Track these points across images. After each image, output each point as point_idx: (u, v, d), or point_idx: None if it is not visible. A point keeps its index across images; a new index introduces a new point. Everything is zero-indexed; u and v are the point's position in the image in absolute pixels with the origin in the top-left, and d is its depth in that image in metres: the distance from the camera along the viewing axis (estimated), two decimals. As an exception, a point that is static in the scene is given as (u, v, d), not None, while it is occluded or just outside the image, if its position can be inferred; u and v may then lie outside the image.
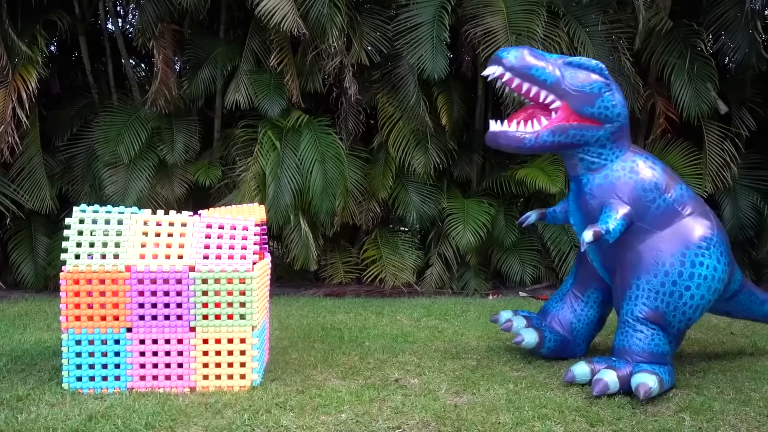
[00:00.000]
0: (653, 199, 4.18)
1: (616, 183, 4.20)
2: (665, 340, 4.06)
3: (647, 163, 4.29)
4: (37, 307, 7.12)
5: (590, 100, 4.13)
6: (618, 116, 4.22)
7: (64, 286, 3.94)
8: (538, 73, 4.07)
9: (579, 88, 4.12)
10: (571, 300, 4.84)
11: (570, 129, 4.15)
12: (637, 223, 4.15)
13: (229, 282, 4.02)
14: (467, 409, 3.66)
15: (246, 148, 8.24)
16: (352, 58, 7.87)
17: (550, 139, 4.15)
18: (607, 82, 4.20)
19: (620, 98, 4.26)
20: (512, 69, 4.06)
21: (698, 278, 4.06)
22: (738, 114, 8.57)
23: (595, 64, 4.23)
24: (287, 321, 6.34)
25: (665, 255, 4.08)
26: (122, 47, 8.74)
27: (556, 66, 4.13)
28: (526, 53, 4.10)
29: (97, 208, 4.17)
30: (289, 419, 3.48)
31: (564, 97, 4.11)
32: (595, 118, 4.16)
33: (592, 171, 4.28)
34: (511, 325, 4.80)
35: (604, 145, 4.24)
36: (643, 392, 3.72)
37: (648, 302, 4.05)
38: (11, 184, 8.11)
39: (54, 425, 3.32)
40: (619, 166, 4.24)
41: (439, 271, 8.48)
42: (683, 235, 4.14)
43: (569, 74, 4.13)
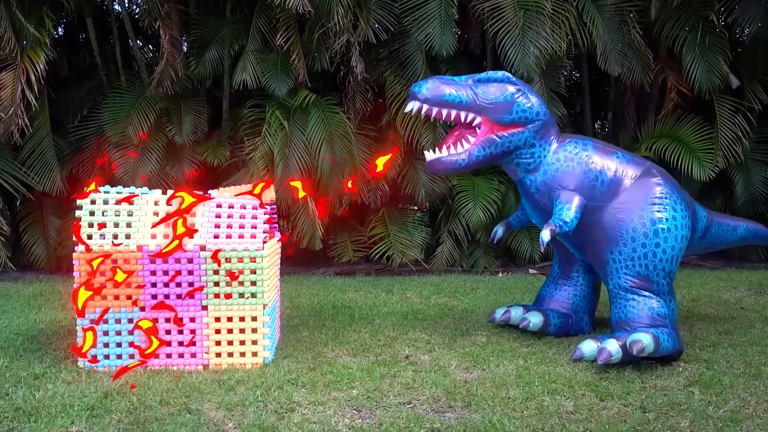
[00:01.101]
0: (595, 177, 4.36)
1: (555, 175, 4.40)
2: (660, 303, 4.15)
3: (578, 146, 4.47)
4: (51, 287, 7.20)
5: (506, 108, 4.34)
6: (537, 115, 4.41)
7: (77, 266, 3.98)
8: (452, 98, 4.28)
9: (493, 101, 4.34)
10: (561, 281, 4.98)
11: (497, 139, 4.36)
12: (589, 203, 4.31)
13: (239, 261, 4.05)
14: (477, 385, 3.69)
15: (254, 128, 8.23)
16: (358, 36, 7.81)
17: (482, 153, 4.37)
18: (517, 87, 4.40)
19: (535, 98, 4.45)
20: (427, 101, 4.28)
21: (663, 232, 4.20)
22: (750, 88, 8.46)
23: (501, 75, 4.44)
24: (298, 299, 6.39)
25: (626, 223, 4.23)
26: (129, 28, 8.72)
27: (467, 87, 4.35)
28: (437, 83, 4.31)
29: (108, 189, 4.20)
30: (301, 395, 3.52)
31: (482, 112, 4.33)
32: (516, 123, 4.36)
33: (531, 171, 4.49)
34: (510, 315, 4.92)
35: (533, 144, 4.43)
36: (636, 349, 3.81)
37: (628, 271, 4.20)
38: (21, 167, 8.15)
39: (71, 402, 3.38)
40: (553, 159, 4.44)
41: (449, 248, 8.50)
42: (635, 198, 4.30)
43: (481, 91, 4.35)
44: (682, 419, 3.21)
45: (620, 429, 3.08)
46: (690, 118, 8.41)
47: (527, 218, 5.01)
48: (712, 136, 8.34)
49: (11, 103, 7.45)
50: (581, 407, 3.36)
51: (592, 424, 3.15)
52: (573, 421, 3.19)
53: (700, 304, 6.02)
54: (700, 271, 8.18)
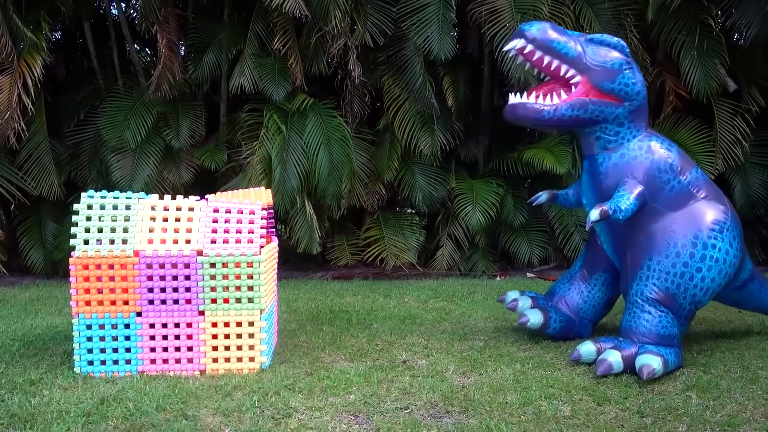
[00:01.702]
0: (668, 180, 4.16)
1: (631, 163, 4.18)
2: (673, 323, 4.05)
3: (663, 145, 4.28)
4: (48, 292, 7.19)
5: (611, 75, 4.12)
6: (637, 95, 4.20)
7: (74, 271, 3.97)
8: (560, 47, 4.07)
9: (600, 64, 4.11)
10: (579, 282, 4.83)
11: (589, 104, 4.14)
12: (650, 203, 4.13)
13: (237, 266, 4.05)
14: (475, 390, 3.69)
15: (251, 132, 8.24)
16: (356, 40, 7.82)
17: (569, 113, 4.14)
18: (627, 59, 4.20)
19: (640, 77, 4.25)
20: (534, 41, 4.06)
21: (710, 260, 4.04)
22: (748, 91, 8.48)
23: (616, 41, 4.23)
24: (295, 304, 6.38)
25: (677, 236, 4.06)
26: (127, 32, 8.72)
27: (577, 41, 4.14)
28: (548, 27, 4.11)
29: (105, 194, 4.19)
30: (298, 401, 3.51)
31: (585, 71, 4.11)
32: (614, 94, 4.15)
33: (608, 150, 4.26)
34: (516, 304, 4.83)
35: (622, 123, 4.22)
36: (646, 373, 3.73)
37: (658, 283, 4.04)
38: (18, 171, 8.13)
39: (67, 408, 3.37)
40: (635, 146, 4.22)
41: (450, 251, 8.50)
42: (696, 217, 4.12)
43: (590, 50, 4.13)
44: (679, 424, 3.20)
45: (618, 434, 3.08)
46: (689, 121, 8.43)
47: (576, 200, 4.77)
48: (710, 138, 8.35)
49: (8, 108, 7.45)
50: (579, 412, 3.35)
51: (589, 428, 3.14)
52: (570, 425, 3.18)
53: (697, 308, 6.01)
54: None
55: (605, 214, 3.91)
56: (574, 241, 8.37)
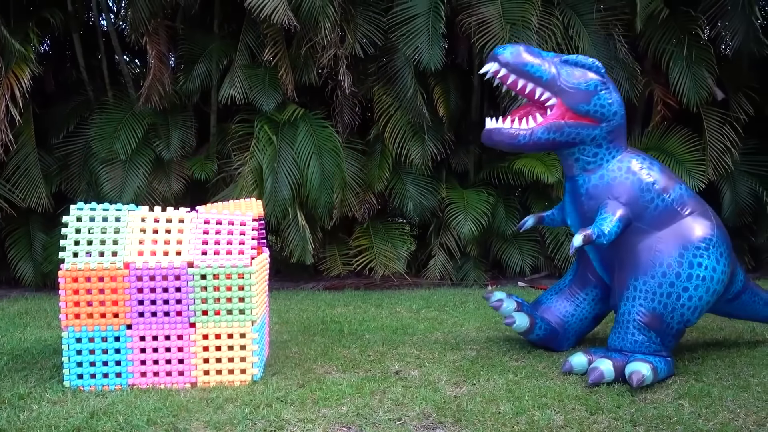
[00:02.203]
0: (651, 199, 4.13)
1: (612, 183, 4.15)
2: (658, 342, 4.04)
3: (645, 163, 4.23)
4: (37, 305, 7.12)
5: (586, 97, 4.08)
6: (614, 115, 4.16)
7: (63, 284, 3.93)
8: (534, 70, 4.02)
9: (575, 86, 4.08)
10: (567, 295, 4.79)
11: (565, 127, 4.10)
12: (634, 223, 4.10)
13: (227, 277, 4.03)
14: (467, 400, 3.67)
15: (242, 143, 8.23)
16: (346, 51, 7.85)
17: (545, 136, 4.10)
18: (603, 80, 4.16)
19: (617, 97, 4.22)
20: (508, 65, 4.02)
21: (696, 279, 3.99)
22: (735, 100, 8.57)
23: (591, 62, 4.19)
24: (287, 315, 6.35)
25: (663, 255, 4.01)
26: (116, 44, 8.71)
27: (552, 63, 4.09)
28: (522, 50, 4.05)
29: (95, 206, 4.16)
30: (291, 413, 3.49)
31: (559, 94, 4.07)
32: (590, 116, 4.11)
33: (588, 171, 4.23)
34: (501, 304, 4.71)
35: (600, 144, 4.19)
36: (636, 380, 3.73)
37: (645, 303, 4.01)
38: (6, 184, 8.07)
39: (56, 423, 3.33)
40: (615, 166, 4.18)
41: (442, 261, 8.51)
42: (682, 235, 4.07)
43: (565, 72, 4.09)
44: (672, 432, 3.21)
45: (611, 443, 3.07)
46: (677, 130, 8.49)
47: (561, 219, 4.72)
48: (700, 147, 8.42)
49: (-5, 119, 7.40)
50: (572, 421, 3.35)
51: (582, 438, 3.14)
52: (564, 435, 3.18)
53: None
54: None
55: (588, 240, 3.88)
56: (564, 250, 8.39)
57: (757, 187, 8.81)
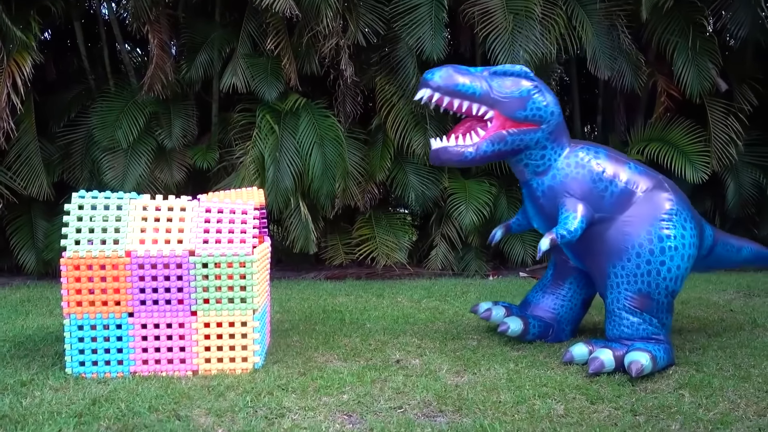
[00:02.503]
0: (605, 187, 4.21)
1: (564, 181, 4.24)
2: (654, 322, 4.09)
3: (590, 154, 4.31)
4: (39, 293, 7.14)
5: (521, 104, 4.17)
6: (552, 115, 4.24)
7: (65, 272, 3.94)
8: (465, 88, 4.11)
9: (508, 95, 4.16)
10: (552, 289, 4.86)
11: (507, 136, 4.19)
12: (596, 214, 4.19)
13: (229, 266, 4.03)
14: (468, 389, 3.68)
15: (244, 132, 8.22)
16: (348, 40, 7.81)
17: (491, 148, 4.19)
18: (534, 84, 4.24)
19: (551, 97, 4.29)
20: (439, 89, 4.11)
21: (670, 251, 4.08)
22: (740, 91, 8.53)
23: (519, 69, 4.28)
24: (288, 304, 6.36)
25: (632, 237, 4.10)
26: (117, 32, 8.68)
27: (482, 78, 4.18)
28: (451, 71, 4.14)
29: (96, 194, 4.16)
30: (291, 401, 3.50)
31: (495, 105, 4.15)
32: (529, 120, 4.19)
33: (540, 174, 4.32)
34: (490, 314, 4.82)
35: (544, 146, 4.27)
36: (635, 370, 3.76)
37: (630, 287, 4.09)
38: (7, 171, 8.07)
39: (58, 409, 3.34)
40: (564, 164, 4.27)
41: (444, 251, 8.51)
42: (644, 213, 4.16)
43: (496, 83, 4.17)
44: (672, 422, 3.21)
45: (611, 432, 3.08)
46: (681, 121, 8.46)
47: (528, 222, 4.83)
48: (703, 138, 8.38)
49: (-3, 107, 7.39)
50: (572, 411, 3.36)
51: (583, 427, 3.15)
52: (564, 424, 3.18)
53: (689, 307, 6.04)
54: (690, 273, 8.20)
55: (554, 242, 4.01)
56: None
57: (760, 178, 8.79)
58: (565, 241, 4.03)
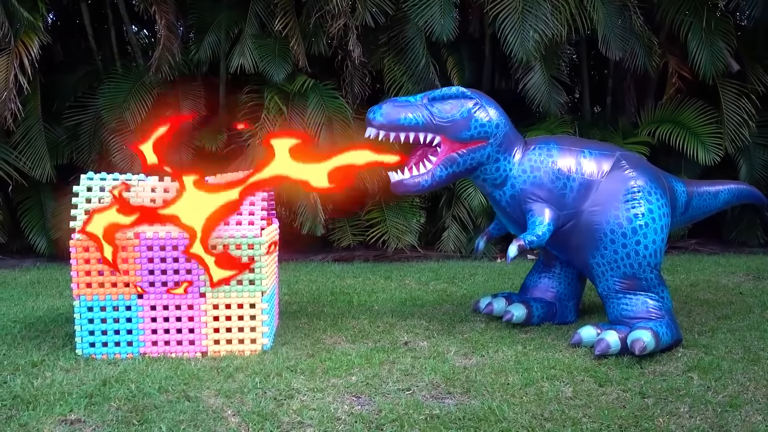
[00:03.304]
0: (563, 184, 4.26)
1: (524, 188, 4.28)
2: (653, 295, 4.13)
3: (542, 154, 4.34)
4: (49, 274, 7.19)
5: (465, 124, 4.19)
6: (497, 128, 4.26)
7: (75, 253, 3.96)
8: (407, 121, 4.14)
9: (450, 119, 4.19)
10: (546, 270, 4.90)
11: (458, 158, 4.23)
12: (562, 212, 4.22)
13: (237, 248, 4.03)
14: (476, 371, 3.69)
15: (252, 114, 8.18)
16: (356, 20, 7.74)
17: (445, 172, 4.25)
18: (474, 101, 4.25)
19: (494, 110, 4.30)
20: (383, 126, 4.16)
21: (642, 228, 4.10)
22: (752, 71, 8.41)
23: (455, 90, 4.30)
24: (296, 286, 6.38)
25: (602, 225, 4.14)
26: (124, 13, 8.63)
27: (421, 107, 4.20)
28: (391, 107, 4.18)
29: (105, 176, 4.17)
30: (300, 382, 3.52)
31: (440, 131, 4.19)
32: (476, 138, 4.22)
33: (499, 186, 4.37)
34: (492, 307, 4.84)
35: (497, 159, 4.30)
36: (638, 348, 3.77)
37: (614, 273, 4.14)
38: (13, 151, 8.07)
39: (69, 390, 3.37)
40: (519, 171, 4.31)
41: (455, 232, 8.49)
42: (607, 198, 4.19)
43: (436, 109, 4.20)
44: (681, 404, 3.21)
45: (619, 414, 3.08)
46: (693, 102, 8.36)
47: (504, 227, 4.89)
48: (716, 119, 8.28)
49: (4, 88, 7.38)
50: (580, 393, 3.36)
51: (591, 409, 3.15)
52: (572, 406, 3.18)
53: (698, 290, 6.01)
54: (699, 256, 8.18)
55: (522, 248, 4.07)
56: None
57: (772, 160, 8.69)
58: (534, 245, 4.12)
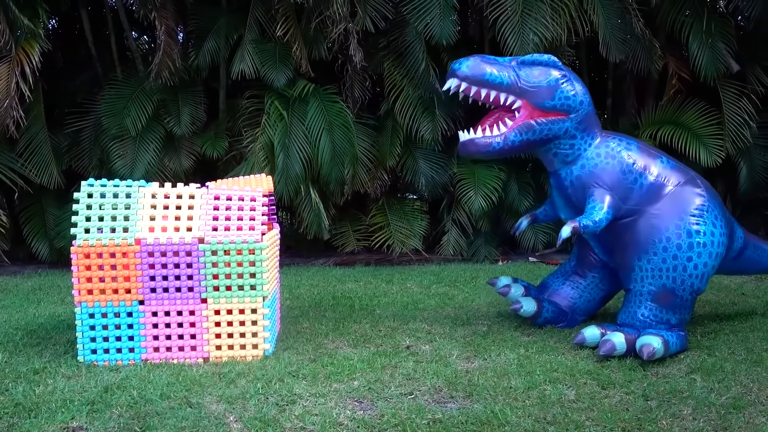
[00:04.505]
0: (635, 179, 4.18)
1: (594, 171, 4.20)
2: (673, 319, 4.06)
3: (622, 144, 4.28)
4: (51, 281, 7.19)
5: (549, 93, 4.15)
6: (581, 104, 4.21)
7: (76, 260, 3.95)
8: (493, 78, 4.11)
9: (536, 84, 4.15)
10: (573, 278, 4.82)
11: (536, 125, 4.17)
12: (624, 206, 4.15)
13: (238, 253, 4.03)
14: (479, 375, 3.68)
15: (252, 119, 8.20)
16: (356, 25, 7.75)
17: (519, 138, 4.18)
18: (563, 73, 4.21)
19: (580, 87, 4.25)
20: (467, 78, 4.12)
21: (698, 247, 4.02)
22: (752, 72, 8.40)
23: (547, 58, 4.25)
24: (298, 291, 6.37)
25: (661, 231, 4.06)
26: (124, 19, 8.66)
27: (509, 68, 4.17)
28: (479, 61, 4.14)
29: (105, 182, 4.17)
30: (302, 387, 3.51)
31: (523, 95, 4.15)
32: (557, 110, 4.17)
33: (568, 163, 4.29)
34: (508, 290, 4.78)
35: (574, 135, 4.23)
36: (646, 353, 3.75)
37: (654, 281, 4.05)
38: (18, 159, 8.10)
39: (71, 397, 3.37)
40: (593, 153, 4.23)
41: (455, 236, 8.49)
42: (674, 207, 4.11)
43: (524, 73, 4.17)
44: (684, 407, 3.19)
45: (622, 417, 3.06)
46: (693, 104, 8.36)
47: (555, 213, 4.76)
48: (717, 121, 8.27)
49: (6, 96, 7.41)
50: (583, 396, 3.35)
51: (594, 412, 3.14)
52: (575, 409, 3.17)
53: (701, 291, 5.99)
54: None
55: (576, 231, 3.97)
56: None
57: (773, 160, 8.68)
58: (589, 231, 4.01)
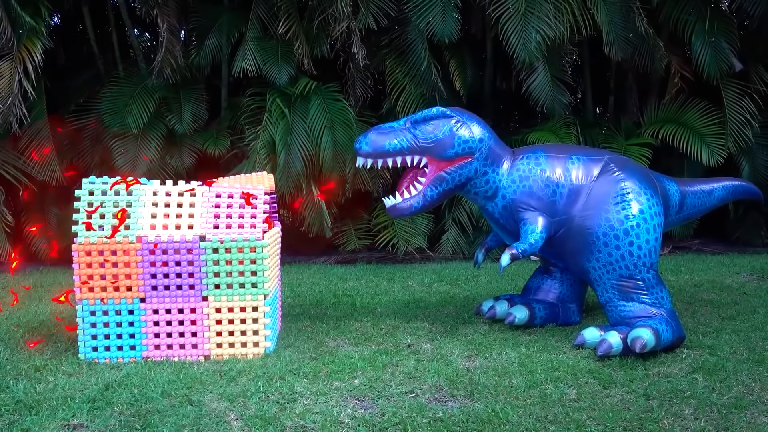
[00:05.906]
0: (553, 191, 4.29)
1: (515, 198, 4.33)
2: (651, 295, 4.11)
3: (531, 161, 4.39)
4: (52, 278, 7.19)
5: (448, 143, 4.26)
6: (481, 141, 4.32)
7: (77, 258, 3.96)
8: (393, 146, 4.26)
9: (433, 139, 4.26)
10: (547, 272, 4.92)
11: (447, 175, 4.31)
12: (554, 219, 4.25)
13: (239, 251, 4.03)
14: (480, 373, 3.68)
15: (254, 117, 8.18)
16: (359, 23, 7.74)
17: (435, 191, 4.33)
18: (455, 119, 4.31)
19: (476, 125, 4.36)
20: (370, 155, 4.29)
21: (634, 229, 4.10)
22: (755, 71, 8.37)
23: (435, 111, 4.35)
24: (299, 289, 6.37)
25: (594, 229, 4.15)
26: (126, 16, 8.65)
27: (405, 131, 4.30)
28: (375, 135, 4.30)
29: (107, 180, 4.17)
30: (303, 385, 3.51)
31: (425, 152, 4.28)
32: (461, 155, 4.29)
33: (490, 198, 4.43)
34: (495, 311, 4.83)
35: (485, 172, 4.36)
36: (638, 346, 3.77)
37: (612, 276, 4.14)
38: (21, 156, 8.10)
39: (72, 394, 3.37)
40: (508, 182, 4.36)
41: (455, 235, 8.48)
42: (597, 202, 4.22)
43: (419, 132, 4.29)
44: (686, 406, 3.19)
45: (624, 416, 3.06)
46: (695, 103, 8.33)
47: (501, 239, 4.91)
48: (719, 120, 8.24)
49: (9, 94, 7.40)
50: (584, 395, 3.35)
51: (595, 411, 3.13)
52: (576, 409, 3.17)
53: (702, 290, 5.99)
54: (703, 256, 8.15)
55: (515, 257, 4.11)
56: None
57: (775, 160, 8.64)
58: (527, 254, 4.15)
